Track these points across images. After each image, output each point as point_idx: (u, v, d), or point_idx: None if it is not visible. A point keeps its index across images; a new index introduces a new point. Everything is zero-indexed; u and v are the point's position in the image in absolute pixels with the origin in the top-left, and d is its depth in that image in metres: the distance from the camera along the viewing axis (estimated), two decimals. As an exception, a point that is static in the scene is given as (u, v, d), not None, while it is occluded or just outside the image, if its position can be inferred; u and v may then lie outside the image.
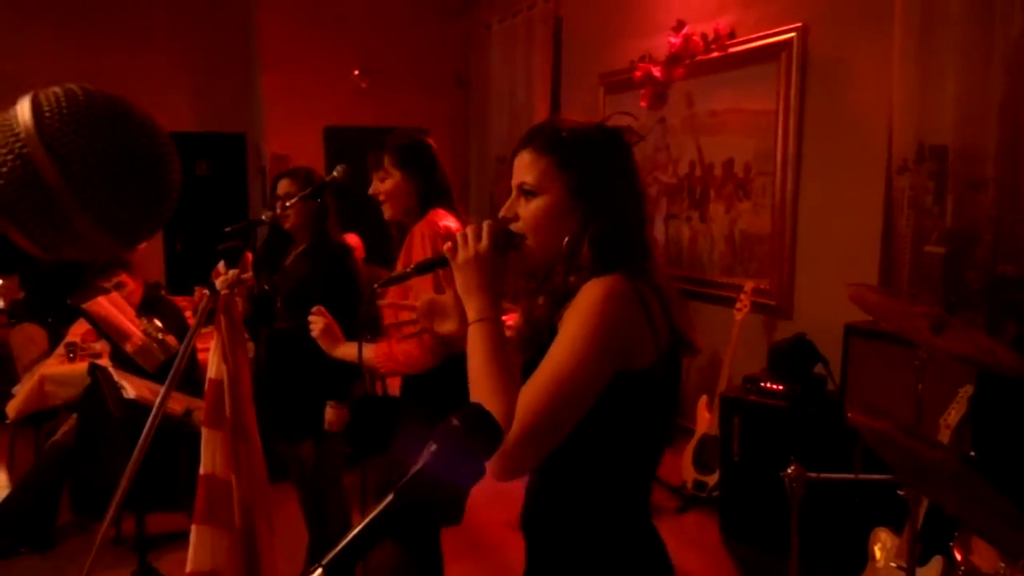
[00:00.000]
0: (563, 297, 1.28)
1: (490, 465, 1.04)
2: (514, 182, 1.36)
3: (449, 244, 1.34)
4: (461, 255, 1.31)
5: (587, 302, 1.22)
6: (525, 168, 1.33)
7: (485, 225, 1.32)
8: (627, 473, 1.34)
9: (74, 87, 0.84)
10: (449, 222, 2.29)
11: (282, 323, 2.98)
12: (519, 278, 1.40)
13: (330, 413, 2.82)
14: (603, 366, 1.21)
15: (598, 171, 1.31)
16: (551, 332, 1.27)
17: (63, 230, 0.82)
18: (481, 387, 1.24)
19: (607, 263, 1.26)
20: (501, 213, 1.36)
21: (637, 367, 1.24)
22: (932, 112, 3.20)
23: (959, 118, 3.09)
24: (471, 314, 1.30)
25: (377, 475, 2.45)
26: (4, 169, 0.80)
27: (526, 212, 1.33)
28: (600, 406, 1.23)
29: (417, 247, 2.21)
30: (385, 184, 2.38)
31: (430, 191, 2.36)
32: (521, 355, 1.36)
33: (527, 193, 1.33)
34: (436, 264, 1.42)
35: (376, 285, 1.56)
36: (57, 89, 0.83)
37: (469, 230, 1.32)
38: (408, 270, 1.48)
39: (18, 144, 0.80)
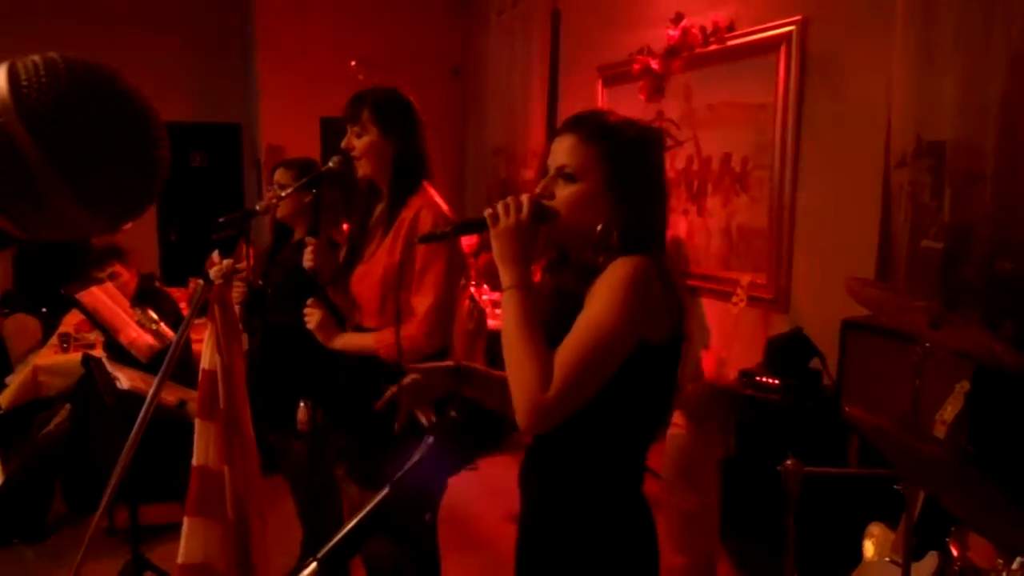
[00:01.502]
0: (590, 274, 1.37)
1: (523, 418, 1.24)
2: (552, 162, 1.44)
3: (490, 211, 1.40)
4: (502, 223, 1.37)
5: (617, 275, 1.32)
6: (567, 152, 1.42)
7: (524, 198, 1.39)
8: (629, 443, 1.44)
9: (55, 55, 0.80)
10: (442, 203, 2.25)
11: (275, 316, 2.97)
12: (545, 250, 1.48)
13: (301, 412, 2.80)
14: (628, 334, 1.31)
15: (636, 168, 1.41)
16: (577, 305, 1.35)
17: (43, 208, 0.79)
18: (515, 350, 1.32)
19: (633, 249, 1.36)
20: (537, 190, 1.44)
21: (656, 340, 1.35)
22: (931, 107, 3.19)
23: (958, 113, 3.08)
24: (506, 281, 1.37)
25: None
26: None
27: (562, 194, 1.41)
28: (621, 374, 1.32)
29: (426, 226, 2.15)
30: (362, 140, 2.24)
31: (409, 154, 2.24)
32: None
33: (566, 176, 1.41)
34: (475, 228, 1.46)
35: (417, 239, 1.60)
36: (36, 57, 0.79)
37: (510, 200, 1.39)
38: (447, 229, 1.53)
39: None
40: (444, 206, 2.24)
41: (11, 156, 0.75)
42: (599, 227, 1.39)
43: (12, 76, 0.77)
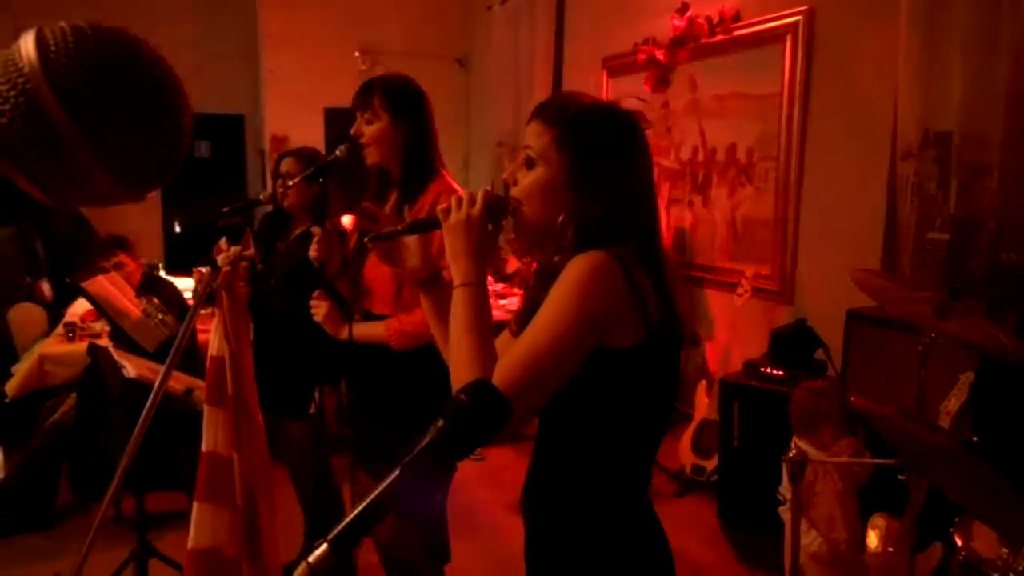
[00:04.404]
0: (551, 275, 1.27)
1: None
2: (522, 145, 1.36)
3: (443, 206, 1.35)
4: (453, 217, 1.32)
5: (569, 275, 1.22)
6: (532, 136, 1.34)
7: (480, 191, 1.34)
8: (620, 453, 1.33)
9: (81, 22, 0.81)
10: (460, 189, 2.26)
11: (277, 305, 2.98)
12: (519, 243, 1.40)
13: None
14: (582, 337, 1.20)
15: (599, 154, 1.30)
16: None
17: (69, 172, 0.79)
18: (460, 352, 1.25)
19: (592, 244, 1.25)
20: (504, 175, 1.38)
21: (618, 344, 1.23)
22: (937, 98, 3.18)
23: (964, 104, 3.07)
24: (456, 278, 1.30)
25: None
26: (7, 106, 0.76)
27: (524, 180, 1.34)
28: (583, 383, 1.22)
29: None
30: (372, 127, 2.23)
31: (421, 141, 2.24)
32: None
33: (527, 162, 1.33)
34: (429, 225, 1.41)
35: (366, 239, 1.54)
36: (64, 24, 0.80)
37: (464, 194, 1.35)
38: (400, 227, 1.47)
39: (22, 79, 0.76)
40: (462, 192, 2.24)
41: (39, 121, 0.76)
42: (560, 218, 1.29)
43: (40, 42, 0.78)
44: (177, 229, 7.56)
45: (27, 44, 0.78)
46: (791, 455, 2.18)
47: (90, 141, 0.78)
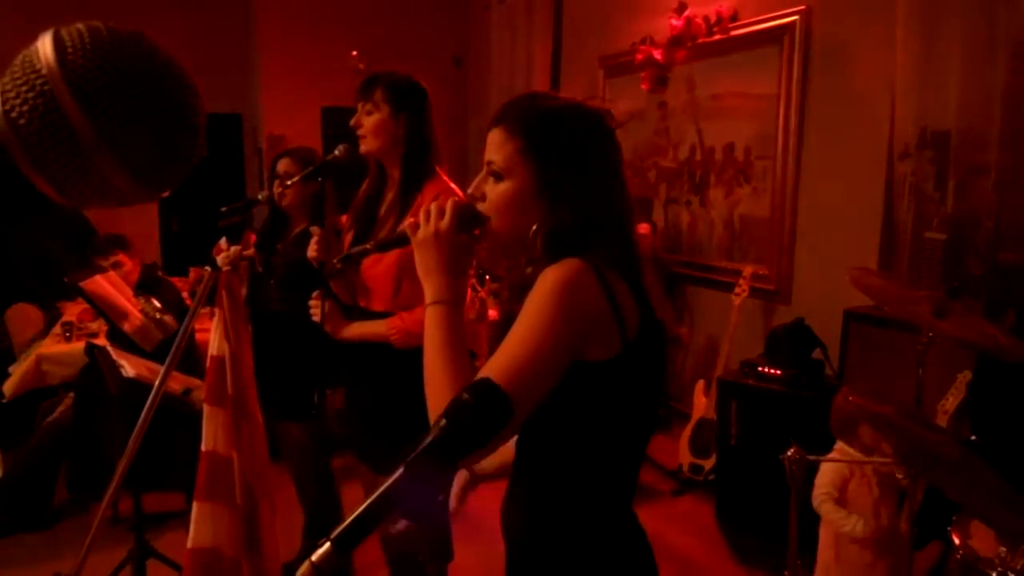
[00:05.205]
0: (524, 288, 1.21)
1: None
2: (485, 157, 1.29)
3: (411, 220, 1.30)
4: (421, 232, 1.27)
5: (544, 286, 1.15)
6: (495, 147, 1.27)
7: (449, 203, 1.28)
8: (601, 466, 1.28)
9: (98, 23, 0.82)
10: (457, 190, 2.25)
11: (276, 306, 2.97)
12: (496, 255, 1.36)
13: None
14: (561, 351, 1.13)
15: (568, 159, 1.24)
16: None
17: (86, 172, 0.80)
18: (434, 373, 1.20)
19: (564, 253, 1.19)
20: (469, 190, 1.32)
21: (596, 357, 1.17)
22: (934, 97, 3.19)
23: (962, 104, 3.08)
24: (428, 295, 1.25)
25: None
26: (25, 107, 0.77)
27: (492, 194, 1.28)
28: (561, 397, 1.16)
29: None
30: (371, 118, 2.21)
31: (416, 136, 2.22)
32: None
33: (494, 175, 1.27)
34: (397, 242, 1.37)
35: (335, 260, 1.52)
36: (80, 25, 0.81)
37: (433, 206, 1.27)
38: (368, 246, 1.43)
39: (40, 81, 0.77)
40: (460, 193, 2.23)
41: (57, 121, 0.77)
42: (532, 228, 1.23)
43: (57, 43, 0.79)
44: (174, 229, 7.55)
45: (44, 45, 0.79)
46: (789, 454, 2.18)
47: (107, 141, 0.78)
